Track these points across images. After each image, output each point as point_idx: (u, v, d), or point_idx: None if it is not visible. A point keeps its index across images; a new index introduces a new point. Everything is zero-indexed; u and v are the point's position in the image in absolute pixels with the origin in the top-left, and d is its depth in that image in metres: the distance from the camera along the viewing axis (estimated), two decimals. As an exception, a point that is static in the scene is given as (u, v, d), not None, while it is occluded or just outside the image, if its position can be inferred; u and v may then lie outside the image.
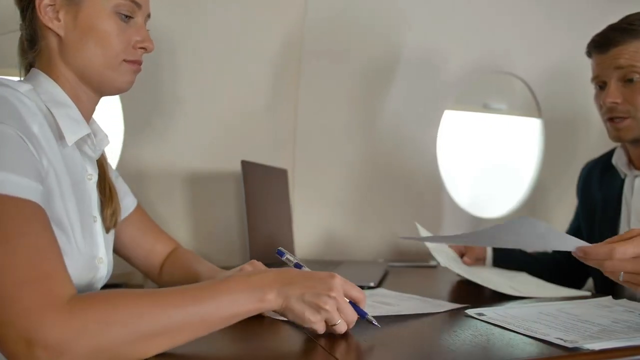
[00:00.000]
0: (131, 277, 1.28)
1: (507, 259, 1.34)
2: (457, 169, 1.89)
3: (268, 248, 1.35)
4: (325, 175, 1.67)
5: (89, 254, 0.78)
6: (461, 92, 1.80)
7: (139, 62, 0.87)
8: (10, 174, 0.61)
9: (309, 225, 1.64)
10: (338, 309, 0.68)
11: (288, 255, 0.83)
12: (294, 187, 1.62)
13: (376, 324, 0.73)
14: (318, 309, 0.67)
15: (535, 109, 1.91)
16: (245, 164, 1.23)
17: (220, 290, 0.64)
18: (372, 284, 1.10)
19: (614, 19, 1.19)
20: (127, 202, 1.00)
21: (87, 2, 0.80)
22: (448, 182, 1.81)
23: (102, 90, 0.86)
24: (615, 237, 0.76)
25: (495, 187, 2.03)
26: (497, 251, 1.34)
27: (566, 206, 1.90)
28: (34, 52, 0.82)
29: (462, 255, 1.32)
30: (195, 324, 0.61)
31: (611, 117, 1.14)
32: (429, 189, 1.79)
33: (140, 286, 1.26)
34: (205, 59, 1.45)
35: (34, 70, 0.82)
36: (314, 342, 0.68)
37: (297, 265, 0.83)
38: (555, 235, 0.80)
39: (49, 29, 0.80)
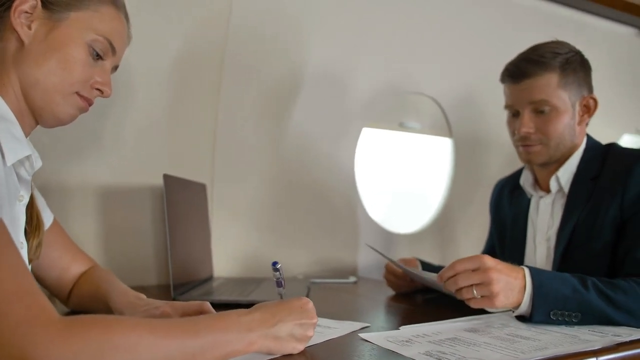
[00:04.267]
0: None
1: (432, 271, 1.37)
2: (374, 186, 1.93)
3: (188, 265, 1.29)
4: (244, 191, 1.63)
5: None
6: (378, 111, 1.85)
7: (89, 102, 0.83)
8: None
9: (228, 242, 1.60)
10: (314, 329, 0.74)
11: (280, 271, 0.84)
12: (212, 202, 1.57)
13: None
14: (304, 340, 0.72)
15: (446, 129, 2.00)
16: (167, 178, 1.17)
17: (216, 327, 0.64)
18: (299, 302, 1.08)
19: (522, 47, 1.26)
20: (44, 218, 0.91)
21: (67, 24, 0.78)
22: (364, 198, 1.84)
23: (40, 115, 0.81)
24: None
25: (409, 203, 2.09)
26: (424, 266, 1.37)
27: (472, 222, 2.02)
28: None
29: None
30: (188, 358, 0.60)
31: (524, 144, 1.21)
32: (346, 205, 1.81)
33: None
34: (124, 67, 1.37)
35: None
36: None
37: (279, 283, 0.84)
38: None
39: (15, 32, 0.76)
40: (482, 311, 0.98)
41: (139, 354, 0.56)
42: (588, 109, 1.21)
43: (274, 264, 0.83)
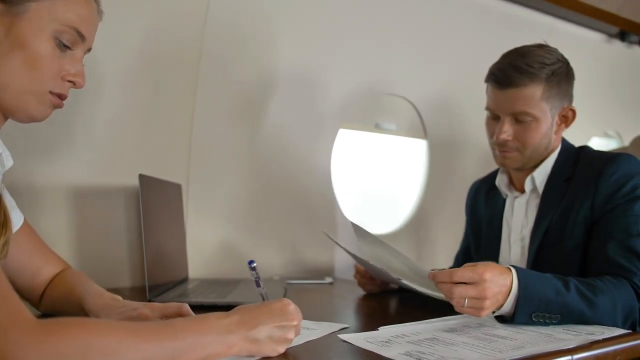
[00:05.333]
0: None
1: None
2: (350, 186, 1.94)
3: (164, 266, 1.27)
4: (219, 191, 1.62)
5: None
6: (355, 112, 1.85)
7: (63, 97, 0.79)
8: None
9: (203, 243, 1.58)
10: (296, 332, 0.73)
11: (256, 270, 0.82)
12: (187, 203, 1.55)
13: None
14: (285, 342, 0.71)
15: (422, 130, 2.02)
16: (142, 178, 1.15)
17: (195, 330, 0.63)
18: (277, 303, 1.07)
19: (495, 51, 1.26)
20: (13, 218, 0.88)
21: (28, 16, 0.72)
22: (341, 199, 1.85)
23: (13, 114, 0.77)
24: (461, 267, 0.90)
25: (385, 203, 2.11)
26: None
27: (447, 223, 2.04)
28: None
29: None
30: None
31: (500, 149, 1.22)
32: (323, 205, 1.81)
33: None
34: (98, 65, 1.34)
35: None
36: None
37: (257, 283, 0.82)
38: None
39: None
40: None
41: (117, 357, 0.55)
42: (566, 119, 1.22)
43: (250, 262, 0.81)
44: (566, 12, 2.07)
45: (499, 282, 0.89)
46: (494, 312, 0.92)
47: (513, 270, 0.92)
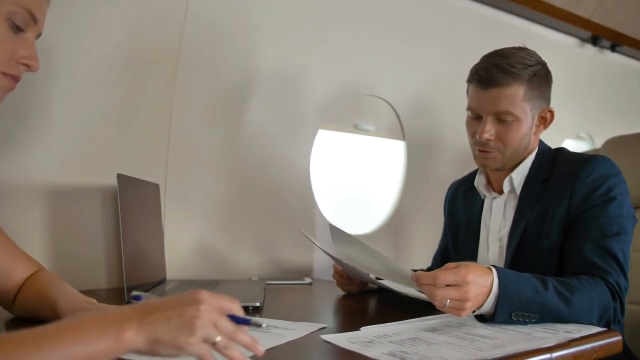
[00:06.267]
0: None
1: None
2: (329, 187, 1.94)
3: (142, 267, 1.25)
4: (198, 191, 1.60)
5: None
6: (334, 113, 1.86)
7: (17, 79, 0.77)
8: None
9: (181, 243, 1.56)
10: (214, 325, 0.59)
11: (146, 299, 0.71)
12: (165, 203, 1.53)
13: (264, 325, 0.66)
14: (191, 329, 0.57)
15: (400, 131, 2.03)
16: (120, 178, 1.13)
17: (70, 331, 0.54)
18: (257, 304, 1.07)
19: (473, 53, 1.27)
20: None
21: None
22: (319, 199, 1.84)
23: None
24: (441, 267, 0.91)
25: (363, 204, 2.11)
26: None
27: (424, 221, 2.06)
28: None
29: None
30: None
31: (481, 149, 1.23)
32: (302, 206, 1.81)
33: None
34: (76, 62, 1.31)
35: None
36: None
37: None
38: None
39: None
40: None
41: None
42: (544, 121, 1.25)
43: (135, 298, 0.70)
44: (541, 17, 2.11)
45: (480, 284, 0.90)
46: (474, 312, 0.93)
47: (494, 270, 0.93)
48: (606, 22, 2.30)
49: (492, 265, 0.95)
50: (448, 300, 0.88)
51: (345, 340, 0.81)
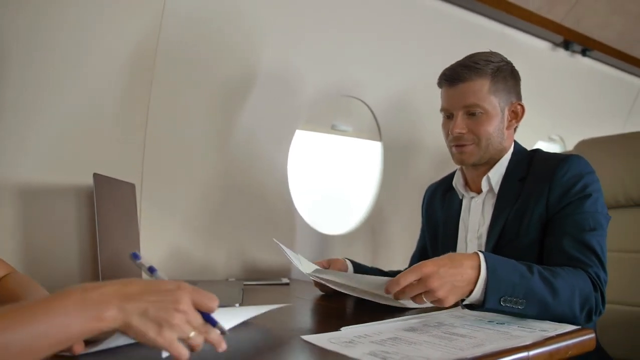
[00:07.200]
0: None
1: (364, 273, 1.39)
2: (307, 187, 1.94)
3: (118, 269, 1.23)
4: (175, 191, 1.58)
5: None
6: (312, 113, 1.86)
7: None
8: None
9: (157, 244, 1.54)
10: (189, 322, 0.61)
11: (142, 261, 0.76)
12: (141, 203, 1.51)
13: (226, 331, 0.67)
14: (166, 325, 0.59)
15: (377, 132, 2.04)
16: (97, 177, 1.11)
17: (49, 308, 0.54)
18: (237, 305, 1.06)
19: (450, 55, 1.33)
20: None
21: None
22: (297, 200, 1.84)
23: None
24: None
25: (342, 204, 2.12)
26: (356, 267, 1.39)
27: (401, 222, 2.08)
28: None
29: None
30: (15, 353, 0.51)
31: (457, 144, 1.28)
32: (280, 207, 1.80)
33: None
34: (48, 60, 1.28)
35: None
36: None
37: (152, 269, 0.75)
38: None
39: None
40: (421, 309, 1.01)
41: None
42: (516, 115, 1.31)
43: (134, 256, 0.76)
44: (515, 21, 2.14)
45: (446, 273, 0.91)
46: (463, 301, 0.95)
47: (481, 256, 0.95)
48: (577, 27, 2.35)
49: (480, 251, 0.97)
50: (425, 298, 0.93)
51: (325, 340, 0.81)
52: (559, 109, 2.70)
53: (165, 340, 0.58)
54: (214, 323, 0.66)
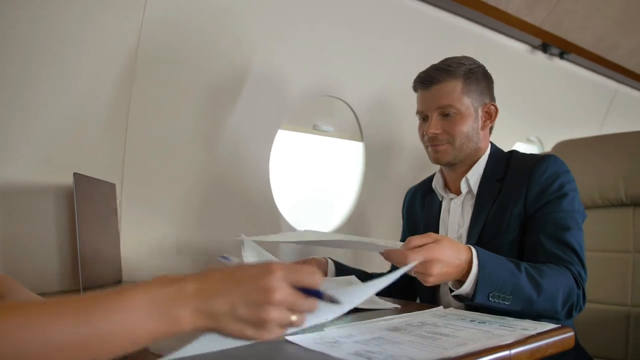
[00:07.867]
0: None
1: (347, 274, 1.40)
2: (289, 188, 1.93)
3: (98, 269, 1.22)
4: (156, 191, 1.57)
5: None
6: (293, 113, 1.85)
7: None
8: None
9: (138, 244, 1.52)
10: (290, 309, 0.53)
11: (233, 261, 0.72)
12: (121, 203, 1.49)
13: (339, 300, 0.58)
14: (262, 323, 0.52)
15: (359, 133, 2.05)
16: (77, 177, 1.09)
17: (113, 304, 0.48)
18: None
19: (430, 57, 1.37)
20: None
21: None
22: (279, 200, 1.84)
23: None
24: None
25: (323, 205, 2.12)
26: (339, 268, 1.39)
27: (383, 223, 2.09)
28: None
29: None
30: (80, 347, 0.45)
31: (432, 144, 1.31)
32: (264, 205, 1.80)
33: None
34: (28, 60, 1.26)
35: None
36: None
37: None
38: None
39: None
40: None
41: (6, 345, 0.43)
42: (490, 115, 1.34)
43: (225, 259, 0.75)
44: (494, 23, 2.17)
45: (448, 264, 0.93)
46: (452, 292, 0.97)
47: (473, 251, 0.97)
48: (555, 30, 2.39)
49: (472, 245, 0.99)
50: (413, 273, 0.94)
51: (310, 341, 0.81)
52: (537, 111, 2.74)
53: (266, 337, 0.53)
54: (319, 295, 0.57)
